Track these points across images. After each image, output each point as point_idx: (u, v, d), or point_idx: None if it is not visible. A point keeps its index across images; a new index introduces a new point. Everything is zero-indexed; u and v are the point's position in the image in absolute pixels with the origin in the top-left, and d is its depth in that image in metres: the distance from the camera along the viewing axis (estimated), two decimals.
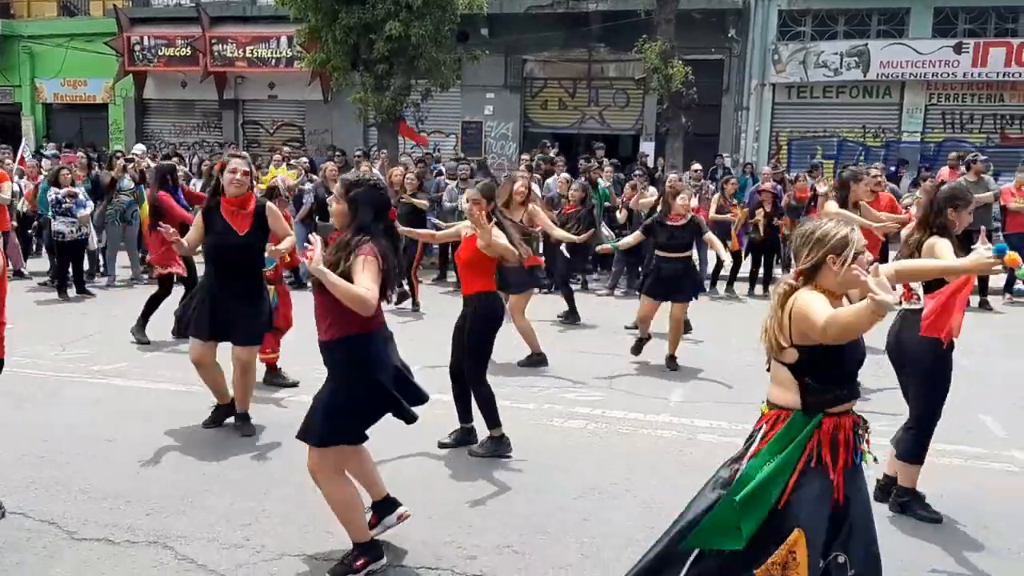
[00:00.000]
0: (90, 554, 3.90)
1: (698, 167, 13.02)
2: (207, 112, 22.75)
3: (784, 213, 11.40)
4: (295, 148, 19.35)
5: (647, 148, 18.41)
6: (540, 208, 8.18)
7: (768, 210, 11.33)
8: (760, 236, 11.39)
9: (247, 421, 5.61)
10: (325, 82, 19.19)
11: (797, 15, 18.40)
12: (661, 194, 8.22)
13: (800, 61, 18.11)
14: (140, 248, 11.77)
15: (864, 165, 11.16)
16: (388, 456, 4.98)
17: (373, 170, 11.12)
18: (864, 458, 2.98)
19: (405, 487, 4.70)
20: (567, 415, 6.12)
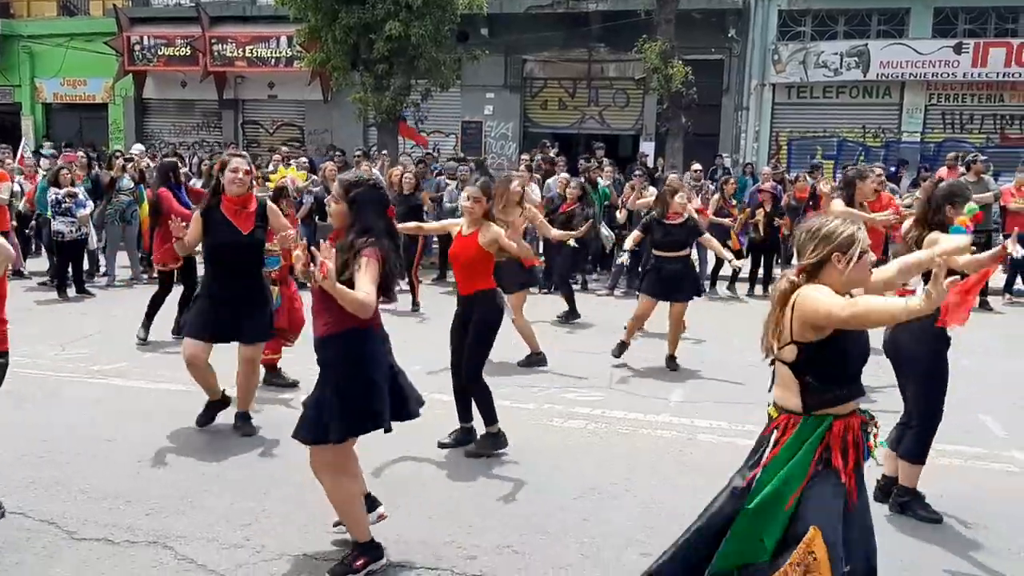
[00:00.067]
0: (90, 554, 3.90)
1: (698, 167, 13.01)
2: (207, 112, 22.76)
3: (784, 213, 11.42)
4: (295, 148, 19.34)
5: (647, 148, 18.40)
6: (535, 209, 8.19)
7: (768, 210, 11.35)
8: (760, 236, 11.41)
9: (247, 421, 5.60)
10: (325, 82, 19.20)
11: (797, 15, 18.41)
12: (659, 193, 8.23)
13: (800, 61, 18.11)
14: (139, 248, 11.77)
15: (866, 165, 11.15)
16: (388, 456, 4.99)
17: (373, 170, 11.11)
18: (872, 455, 2.99)
19: (405, 487, 4.72)
20: (567, 415, 6.12)
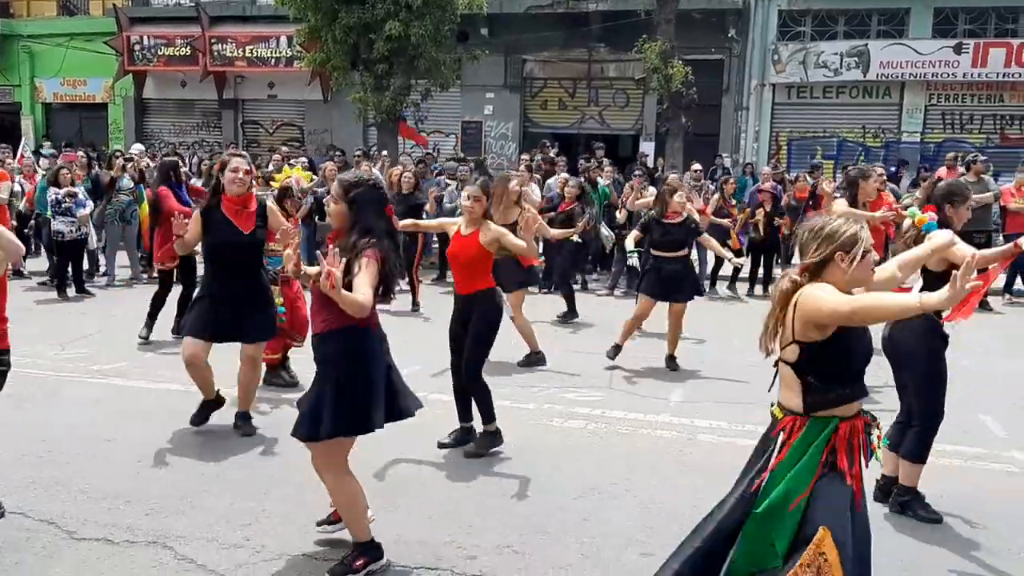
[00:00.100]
0: (89, 554, 3.90)
1: (698, 167, 13.01)
2: (207, 112, 22.76)
3: (784, 213, 11.42)
4: (295, 148, 19.34)
5: (647, 148, 18.40)
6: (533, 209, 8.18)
7: (768, 210, 11.35)
8: (760, 236, 11.41)
9: (247, 421, 5.60)
10: (325, 82, 19.19)
11: (797, 15, 18.41)
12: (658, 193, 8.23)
13: (800, 61, 18.11)
14: (139, 247, 11.77)
15: (867, 165, 11.15)
16: (388, 456, 4.99)
17: (373, 170, 11.10)
18: (876, 455, 2.98)
19: (405, 487, 4.72)
20: (567, 415, 6.12)
